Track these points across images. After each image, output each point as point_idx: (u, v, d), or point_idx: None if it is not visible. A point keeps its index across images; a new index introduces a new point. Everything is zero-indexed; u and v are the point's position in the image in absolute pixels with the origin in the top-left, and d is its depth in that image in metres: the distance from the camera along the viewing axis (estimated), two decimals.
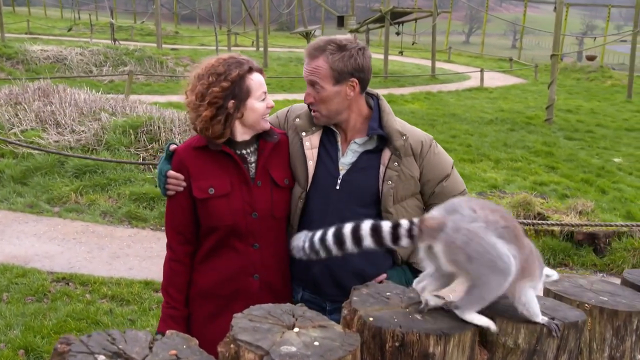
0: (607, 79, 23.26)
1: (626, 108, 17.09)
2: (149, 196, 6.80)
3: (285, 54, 24.39)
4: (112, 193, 6.96)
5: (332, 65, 2.21)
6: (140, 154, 7.58)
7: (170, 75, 15.88)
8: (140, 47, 17.98)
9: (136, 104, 9.06)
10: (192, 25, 40.89)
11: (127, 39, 24.81)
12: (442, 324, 1.38)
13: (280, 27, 39.92)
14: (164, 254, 2.42)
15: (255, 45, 26.00)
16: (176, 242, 2.33)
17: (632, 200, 7.86)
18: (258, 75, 2.27)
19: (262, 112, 2.26)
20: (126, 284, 4.99)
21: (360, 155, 2.28)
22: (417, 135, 2.30)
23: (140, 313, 4.54)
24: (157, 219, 6.50)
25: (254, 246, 2.29)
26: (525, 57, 32.44)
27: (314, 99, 2.24)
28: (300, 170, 2.32)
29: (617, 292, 1.71)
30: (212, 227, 2.28)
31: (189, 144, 2.34)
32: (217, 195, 2.25)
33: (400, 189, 2.25)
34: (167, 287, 2.35)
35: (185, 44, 26.35)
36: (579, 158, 10.30)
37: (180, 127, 7.80)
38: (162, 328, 2.31)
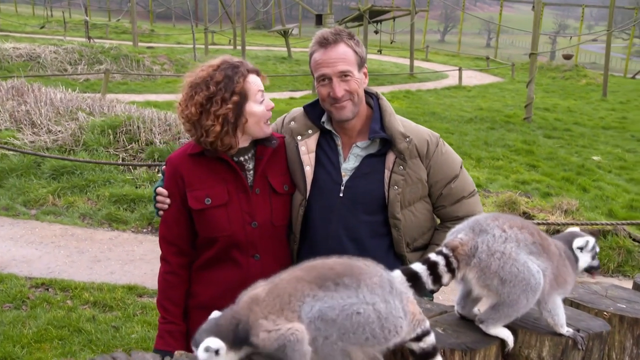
0: (582, 78, 23.59)
1: (602, 106, 17.34)
2: (129, 198, 6.65)
3: (263, 53, 24.26)
4: (91, 195, 6.79)
5: (355, 49, 2.12)
6: (120, 155, 7.41)
7: (147, 74, 15.65)
8: (116, 45, 17.66)
9: (114, 104, 8.87)
10: (168, 24, 40.47)
11: (101, 37, 24.41)
12: (466, 338, 1.33)
13: (257, 25, 39.67)
14: (146, 257, 2.34)
15: (232, 43, 25.80)
16: (170, 254, 2.24)
17: (613, 198, 7.94)
18: (253, 77, 2.15)
19: (262, 115, 2.13)
20: (108, 289, 4.86)
21: (363, 160, 2.17)
22: (422, 135, 2.18)
23: (124, 319, 4.41)
24: (139, 221, 6.36)
25: (254, 257, 2.19)
26: (500, 56, 32.75)
27: (346, 90, 2.10)
28: (298, 177, 2.21)
29: (634, 299, 1.68)
30: (210, 239, 2.18)
31: (183, 151, 2.23)
32: (214, 206, 2.14)
33: (408, 194, 2.14)
34: (162, 301, 2.24)
35: (162, 42, 26.02)
36: (558, 156, 10.39)
37: (161, 127, 7.64)
38: (160, 345, 2.20)
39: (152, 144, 7.40)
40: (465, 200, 2.21)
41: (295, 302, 1.28)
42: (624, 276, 5.49)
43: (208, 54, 22.06)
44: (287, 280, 1.34)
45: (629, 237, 5.71)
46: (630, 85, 23.45)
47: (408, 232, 2.16)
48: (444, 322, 1.42)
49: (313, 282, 1.30)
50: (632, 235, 5.77)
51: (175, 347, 2.15)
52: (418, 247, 2.23)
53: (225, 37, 28.58)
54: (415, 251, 2.21)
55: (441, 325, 1.40)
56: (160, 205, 2.22)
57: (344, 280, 1.28)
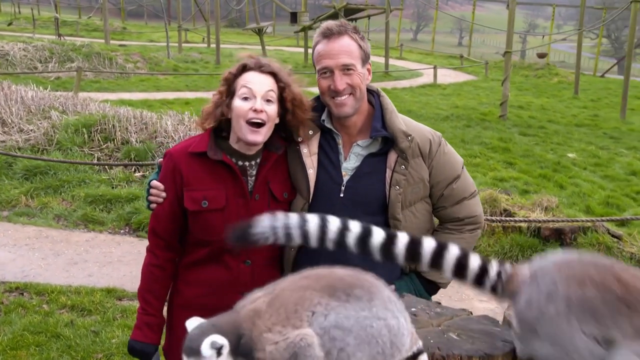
0: (554, 76, 23.97)
1: (574, 104, 17.62)
2: (105, 198, 6.50)
3: (238, 51, 24.01)
4: (66, 195, 6.62)
5: (359, 43, 2.07)
6: (95, 154, 7.25)
7: (120, 72, 15.41)
8: (87, 43, 17.32)
9: (87, 102, 8.67)
10: (140, 21, 39.99)
11: (72, 35, 23.96)
12: (481, 344, 1.29)
13: (230, 23, 39.40)
14: (124, 259, 2.28)
15: (206, 41, 25.56)
16: (158, 248, 2.20)
17: (589, 195, 8.05)
18: (250, 74, 2.08)
19: (239, 111, 2.03)
20: (86, 292, 4.73)
21: (364, 159, 2.12)
22: (424, 134, 2.13)
23: (103, 324, 4.28)
24: (116, 221, 6.22)
25: (245, 262, 2.14)
26: (473, 55, 33.09)
27: (348, 83, 2.04)
28: (301, 181, 2.15)
29: None
30: (203, 241, 2.15)
31: (184, 147, 2.17)
32: (210, 209, 2.09)
33: (409, 194, 2.10)
34: (144, 293, 2.22)
35: (134, 40, 25.60)
36: (534, 153, 10.50)
37: (137, 126, 7.49)
38: (138, 336, 2.18)
39: (128, 143, 7.26)
40: (466, 201, 2.18)
41: (302, 311, 1.21)
42: None
43: (182, 52, 21.82)
44: (291, 290, 1.28)
45: (607, 234, 5.77)
46: (600, 83, 23.90)
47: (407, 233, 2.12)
48: (456, 326, 1.38)
49: (323, 291, 1.24)
50: (610, 231, 5.83)
51: (153, 340, 2.17)
52: None
53: (198, 35, 28.32)
54: None
55: (454, 330, 1.35)
56: (154, 198, 2.16)
57: (356, 292, 1.22)
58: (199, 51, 23.00)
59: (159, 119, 7.71)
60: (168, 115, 7.98)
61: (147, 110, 8.68)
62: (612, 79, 25.94)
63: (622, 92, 15.35)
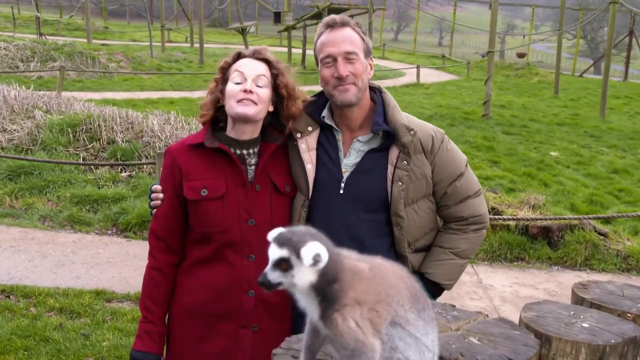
0: (534, 76, 24.22)
1: (554, 103, 17.82)
2: (91, 198, 6.42)
3: (221, 50, 24.01)
4: (51, 196, 6.53)
5: (362, 36, 2.06)
6: (80, 154, 7.15)
7: (103, 71, 15.28)
8: (69, 42, 17.13)
9: (72, 101, 8.55)
10: (122, 21, 39.67)
11: (53, 34, 23.73)
12: (504, 349, 1.28)
13: (213, 23, 39.19)
14: (113, 260, 2.25)
15: (189, 41, 25.42)
16: (158, 250, 2.14)
17: (573, 193, 8.15)
18: (244, 60, 2.10)
19: (230, 92, 2.04)
20: (75, 294, 4.66)
21: (365, 155, 2.08)
22: (427, 130, 2.09)
23: (93, 326, 4.22)
24: (103, 222, 6.14)
25: (249, 258, 2.07)
26: (454, 55, 33.32)
27: (351, 72, 2.01)
28: (300, 177, 2.11)
29: None
30: (203, 234, 2.08)
31: (183, 142, 2.16)
32: (210, 198, 2.05)
33: (411, 191, 2.05)
34: (144, 300, 2.13)
35: (116, 40, 25.44)
36: (518, 152, 10.61)
37: (122, 125, 7.40)
38: (138, 345, 2.11)
39: (114, 143, 7.17)
40: (471, 200, 2.14)
41: (389, 303, 1.17)
42: (591, 269, 5.63)
43: (165, 51, 21.68)
44: (391, 272, 1.24)
45: (594, 231, 5.84)
46: (579, 83, 24.22)
47: (410, 231, 2.09)
48: (476, 330, 1.36)
49: (409, 292, 1.20)
50: (597, 229, 5.91)
51: (154, 349, 2.10)
52: (420, 248, 2.16)
53: (181, 35, 28.14)
54: (416, 252, 2.15)
55: (475, 334, 1.34)
56: (155, 202, 2.14)
57: (427, 314, 1.20)
58: (182, 51, 22.90)
59: (144, 118, 7.64)
60: (154, 114, 7.91)
61: (132, 109, 8.59)
62: (591, 79, 26.35)
63: (601, 91, 15.57)
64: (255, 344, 2.08)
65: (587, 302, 1.58)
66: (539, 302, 1.52)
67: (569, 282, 5.36)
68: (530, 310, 1.46)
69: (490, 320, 1.40)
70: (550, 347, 1.33)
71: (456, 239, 2.15)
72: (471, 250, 2.18)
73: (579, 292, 1.58)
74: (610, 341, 1.33)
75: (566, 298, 5.06)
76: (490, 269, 5.60)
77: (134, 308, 4.54)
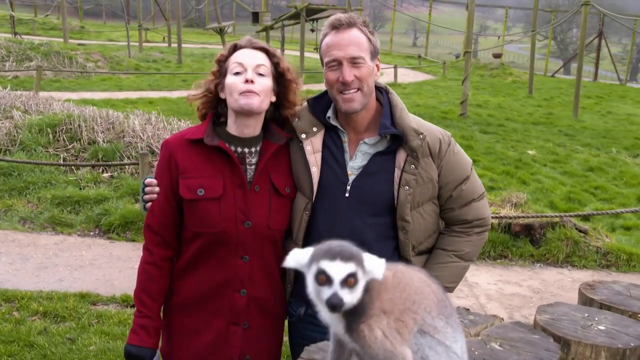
0: (508, 76, 24.54)
1: (529, 103, 18.08)
2: (73, 199, 6.32)
3: (199, 50, 23.88)
4: (32, 197, 6.41)
5: (369, 37, 1.99)
6: (61, 155, 7.03)
7: (80, 71, 15.09)
8: (46, 42, 16.86)
9: (50, 101, 8.39)
10: (98, 20, 39.18)
11: (28, 33, 23.31)
12: (526, 354, 1.28)
13: (190, 23, 38.87)
14: (96, 262, 2.21)
15: (167, 41, 25.22)
16: (153, 244, 2.09)
17: (552, 191, 8.28)
18: (242, 51, 2.04)
19: (231, 85, 1.98)
20: (59, 297, 4.58)
21: (372, 158, 2.03)
22: (435, 133, 2.05)
23: (79, 330, 4.14)
24: (85, 223, 6.05)
25: (243, 258, 2.04)
26: (429, 55, 33.57)
27: (356, 76, 1.95)
28: (303, 179, 2.05)
29: None
30: (197, 233, 2.04)
31: (181, 135, 2.09)
32: (206, 198, 2.00)
33: (418, 194, 2.01)
34: (140, 294, 2.09)
35: (93, 39, 25.11)
36: (496, 151, 10.74)
37: (103, 125, 7.29)
38: (133, 340, 2.07)
39: (95, 143, 7.07)
40: (475, 203, 2.11)
41: (415, 314, 1.13)
42: (572, 266, 5.74)
43: (143, 51, 21.47)
44: (415, 277, 1.20)
45: (574, 229, 5.95)
46: (551, 83, 24.63)
47: (415, 234, 2.06)
48: (496, 335, 1.36)
49: (436, 297, 1.17)
50: (577, 226, 6.02)
51: (149, 344, 2.07)
52: (422, 250, 2.13)
53: (159, 35, 27.89)
54: (419, 255, 2.12)
55: (495, 339, 1.34)
56: (149, 196, 2.08)
57: (454, 319, 1.17)
58: (160, 50, 22.71)
59: (125, 118, 7.53)
60: (135, 114, 7.80)
61: (113, 109, 8.47)
62: (562, 79, 26.83)
63: (574, 91, 15.85)
64: (245, 340, 2.08)
65: (596, 303, 1.59)
66: (551, 304, 1.53)
67: (551, 279, 5.47)
68: (545, 312, 1.47)
69: (507, 324, 1.40)
70: (569, 351, 1.32)
71: (460, 242, 2.12)
72: (474, 253, 2.16)
73: (587, 293, 1.60)
74: (630, 344, 1.33)
75: (550, 295, 5.18)
76: (475, 267, 5.66)
77: (120, 311, 4.48)
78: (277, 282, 2.13)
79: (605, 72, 33.29)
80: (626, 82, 28.62)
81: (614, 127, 14.24)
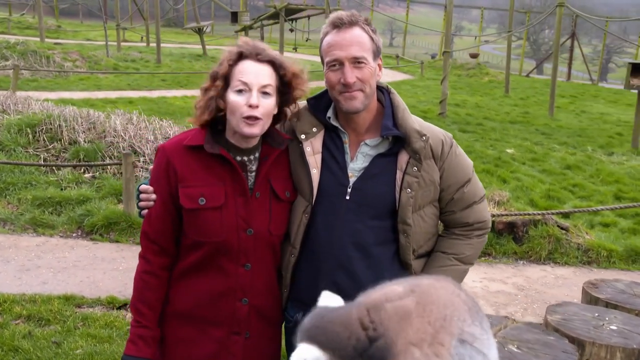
0: (485, 76, 24.82)
1: (505, 102, 18.32)
2: (54, 200, 6.23)
3: (177, 50, 23.70)
4: (12, 198, 6.30)
5: (372, 36, 1.92)
6: (41, 155, 6.91)
7: (58, 70, 14.91)
8: (22, 41, 16.57)
9: (29, 101, 8.25)
10: (74, 20, 38.69)
11: (3, 32, 22.93)
12: (545, 356, 1.29)
13: (168, 23, 38.55)
14: (80, 263, 2.16)
15: (145, 40, 24.99)
16: (151, 253, 2.02)
17: (531, 189, 8.40)
18: (246, 64, 1.91)
19: (234, 105, 1.88)
20: (42, 300, 4.48)
21: (373, 160, 1.98)
22: (437, 134, 2.01)
23: (65, 334, 4.05)
24: (67, 224, 5.96)
25: (245, 266, 1.98)
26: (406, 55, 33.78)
27: (358, 77, 1.90)
28: (303, 181, 2.00)
29: None
30: (198, 242, 1.98)
31: (179, 141, 2.00)
32: (208, 207, 1.93)
33: (420, 197, 1.97)
34: (136, 303, 2.03)
35: (69, 39, 24.77)
36: (476, 149, 10.85)
37: (84, 125, 7.19)
38: (131, 350, 2.00)
39: (76, 143, 6.97)
40: (476, 205, 2.08)
41: (450, 325, 1.03)
42: (555, 263, 5.83)
43: (121, 50, 21.29)
44: (441, 290, 1.09)
45: (556, 226, 6.05)
46: (526, 82, 24.98)
47: (415, 238, 2.02)
48: (512, 337, 1.37)
49: (466, 304, 1.08)
50: (559, 223, 6.12)
51: (148, 354, 2.01)
52: (421, 254, 2.10)
53: (136, 34, 27.62)
54: (418, 258, 2.08)
55: (512, 341, 1.35)
56: (145, 203, 2.00)
57: (486, 323, 1.08)
58: (138, 50, 22.48)
59: (107, 118, 7.44)
60: (116, 114, 7.71)
61: (94, 109, 8.36)
62: (537, 79, 27.24)
63: (549, 91, 16.11)
64: (246, 350, 2.03)
65: (601, 302, 1.60)
66: (560, 304, 1.55)
67: (535, 276, 5.55)
68: (555, 312, 1.47)
69: (521, 326, 1.40)
70: (583, 352, 1.33)
71: (460, 245, 2.09)
72: (474, 256, 2.13)
73: (591, 292, 1.61)
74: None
75: (535, 292, 5.26)
76: None
77: (106, 313, 4.42)
78: (276, 288, 2.09)
79: (577, 72, 33.87)
80: (598, 82, 29.21)
81: (589, 126, 14.50)
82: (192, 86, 15.29)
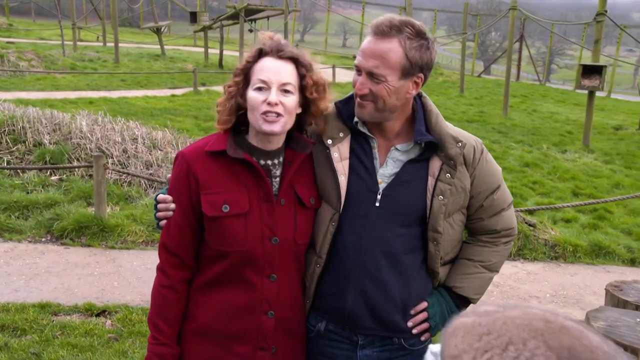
0: (439, 76, 25.37)
1: (461, 102, 18.75)
2: (21, 204, 6.04)
3: (135, 50, 23.30)
4: None
5: (408, 52, 1.80)
6: (4, 157, 6.66)
7: (13, 70, 14.51)
8: None
9: None
10: (26, 18, 37.47)
11: None
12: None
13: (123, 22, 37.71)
14: (52, 269, 2.08)
15: (101, 40, 24.48)
16: (170, 266, 1.92)
17: None
18: (267, 61, 1.83)
19: (253, 103, 1.80)
20: (16, 309, 4.31)
21: (404, 165, 1.91)
22: (469, 140, 1.95)
23: (42, 344, 3.90)
24: (35, 229, 5.78)
25: (270, 277, 1.89)
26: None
27: (370, 89, 1.82)
28: (330, 188, 1.91)
29: None
30: (221, 252, 1.87)
31: (199, 147, 1.91)
32: (232, 214, 1.84)
33: (451, 204, 1.91)
34: (155, 319, 1.92)
35: (22, 38, 24.05)
36: None
37: (49, 127, 6.97)
38: None
39: (42, 145, 6.75)
40: (504, 212, 2.03)
41: None
42: (524, 259, 6.03)
43: (77, 50, 20.79)
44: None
45: (524, 223, 6.25)
46: (479, 82, 25.63)
47: (444, 245, 1.97)
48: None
49: None
50: (526, 220, 6.32)
51: None
52: (447, 261, 2.04)
53: (92, 34, 26.98)
54: (443, 265, 2.03)
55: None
56: (163, 213, 1.91)
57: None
58: (95, 50, 22.03)
59: (72, 119, 7.24)
60: (81, 115, 7.51)
61: (58, 109, 8.12)
62: (488, 79, 27.98)
63: (503, 91, 16.59)
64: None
65: (630, 305, 1.62)
66: (598, 309, 1.52)
67: (508, 273, 5.70)
68: (598, 319, 1.45)
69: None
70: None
71: (487, 252, 2.04)
72: (500, 263, 2.09)
73: (617, 294, 1.62)
74: None
75: (509, 288, 5.42)
76: None
77: (85, 321, 4.29)
78: (301, 299, 2.00)
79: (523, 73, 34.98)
80: (545, 82, 30.29)
81: (541, 125, 15.00)
82: (152, 86, 15.03)
